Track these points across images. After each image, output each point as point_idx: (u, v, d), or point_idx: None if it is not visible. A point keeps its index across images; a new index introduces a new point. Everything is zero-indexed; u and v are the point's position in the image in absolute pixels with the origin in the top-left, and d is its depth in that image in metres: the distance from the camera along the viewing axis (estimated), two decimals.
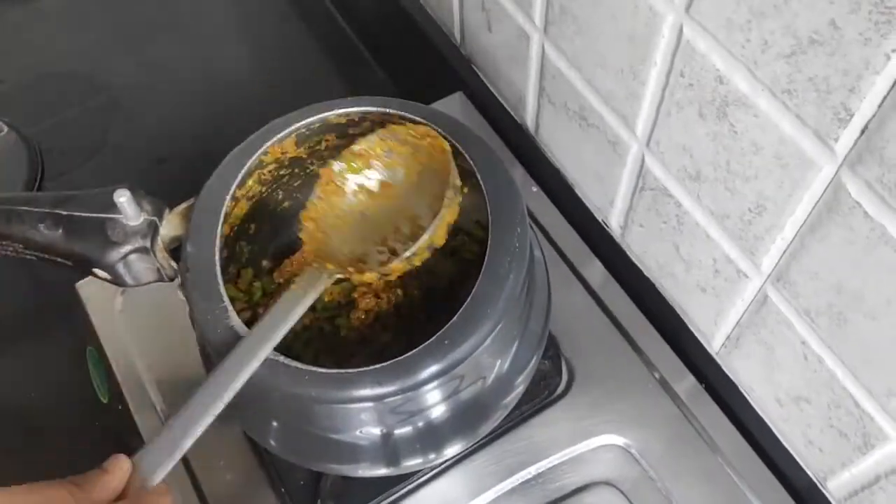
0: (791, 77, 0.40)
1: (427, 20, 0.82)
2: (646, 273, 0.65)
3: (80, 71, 0.88)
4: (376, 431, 0.47)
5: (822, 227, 0.43)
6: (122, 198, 0.47)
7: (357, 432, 0.47)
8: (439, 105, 0.77)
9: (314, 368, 0.43)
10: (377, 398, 0.43)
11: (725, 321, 0.57)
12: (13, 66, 0.89)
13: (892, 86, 0.35)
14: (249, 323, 0.45)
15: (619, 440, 0.60)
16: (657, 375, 0.62)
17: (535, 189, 0.72)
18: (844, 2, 0.35)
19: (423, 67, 0.86)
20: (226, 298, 0.45)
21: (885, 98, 0.36)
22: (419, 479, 0.59)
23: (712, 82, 0.46)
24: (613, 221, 0.66)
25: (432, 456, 0.50)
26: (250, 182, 0.52)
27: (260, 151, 0.50)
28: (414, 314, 0.58)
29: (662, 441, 0.59)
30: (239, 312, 0.45)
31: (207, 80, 0.88)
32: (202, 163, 0.51)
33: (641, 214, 0.61)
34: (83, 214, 0.48)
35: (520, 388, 0.52)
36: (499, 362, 0.49)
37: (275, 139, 0.51)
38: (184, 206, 0.50)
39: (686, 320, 0.62)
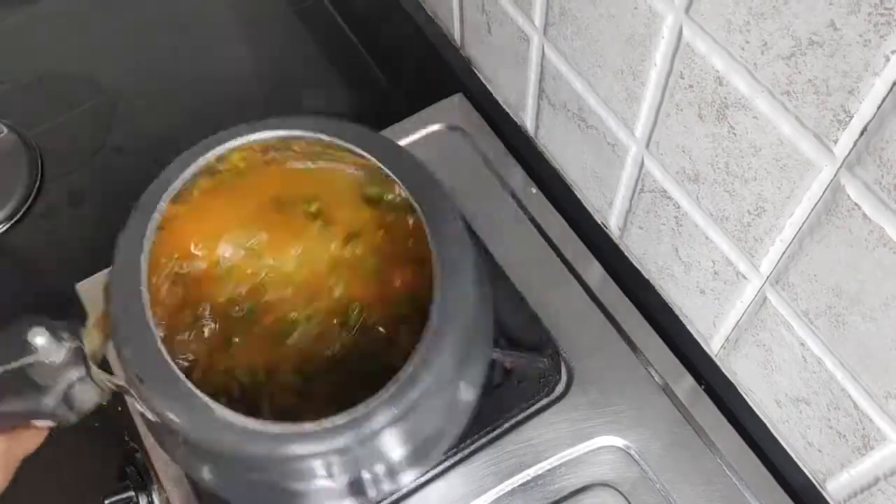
0: (790, 78, 0.40)
1: (427, 21, 0.83)
2: (645, 275, 0.65)
3: (81, 72, 0.88)
4: (328, 484, 0.45)
5: (821, 229, 0.43)
6: (39, 338, 0.42)
7: (309, 484, 0.45)
8: (439, 107, 0.77)
9: (246, 421, 0.40)
10: (321, 454, 0.41)
11: (724, 323, 0.57)
12: (13, 68, 0.89)
13: (892, 87, 0.35)
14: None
15: (618, 441, 0.60)
16: (656, 377, 0.62)
17: (534, 190, 0.72)
18: (844, 3, 0.35)
19: (422, 69, 0.86)
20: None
21: (884, 100, 0.36)
22: (418, 480, 0.59)
23: (712, 84, 0.46)
24: (612, 223, 0.66)
25: (388, 487, 0.49)
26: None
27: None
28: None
29: (661, 442, 0.59)
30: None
31: (208, 81, 0.87)
32: None
33: (640, 216, 0.61)
34: None
35: (471, 400, 0.50)
36: (448, 404, 0.48)
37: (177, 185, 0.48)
38: (95, 316, 0.45)
39: (685, 322, 0.62)
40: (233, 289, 0.55)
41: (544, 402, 0.61)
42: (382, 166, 0.47)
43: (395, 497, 0.58)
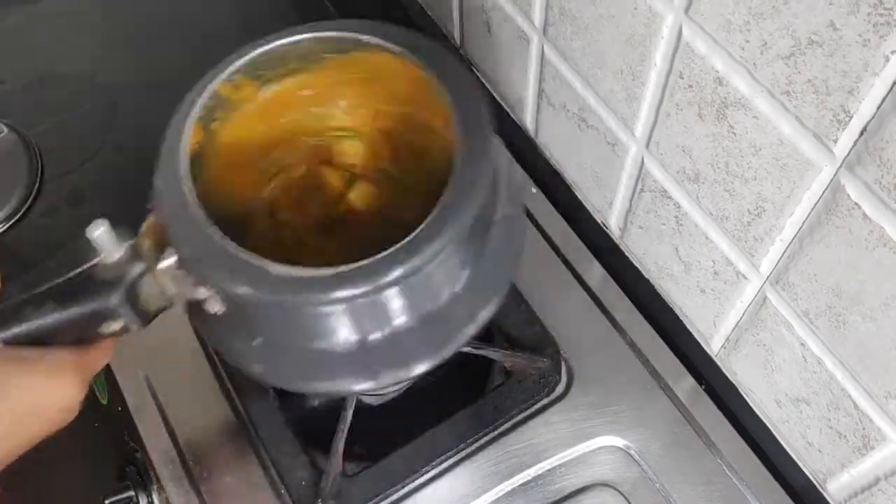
0: (790, 78, 0.40)
1: (427, 22, 0.83)
2: (645, 274, 0.65)
3: (81, 72, 0.88)
4: (351, 338, 0.48)
5: (821, 229, 0.43)
6: (99, 230, 0.44)
7: (338, 339, 0.48)
8: None
9: (296, 271, 0.44)
10: (349, 299, 0.44)
11: (725, 323, 0.57)
12: (13, 68, 0.89)
13: (891, 87, 0.35)
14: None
15: (618, 441, 0.60)
16: (656, 377, 0.62)
17: (534, 190, 0.72)
18: (843, 3, 0.35)
19: None
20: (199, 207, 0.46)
21: (883, 99, 0.36)
22: (419, 480, 0.59)
23: (711, 83, 0.46)
24: (613, 223, 0.66)
25: (402, 372, 0.51)
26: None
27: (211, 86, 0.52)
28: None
29: (662, 442, 0.59)
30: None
31: None
32: None
33: (641, 216, 0.61)
34: (65, 278, 0.45)
35: (478, 324, 0.52)
36: (450, 286, 0.50)
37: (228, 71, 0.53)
38: (147, 223, 0.48)
39: (685, 322, 0.62)
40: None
41: (544, 402, 0.61)
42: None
43: (394, 497, 0.58)
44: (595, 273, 0.67)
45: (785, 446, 0.57)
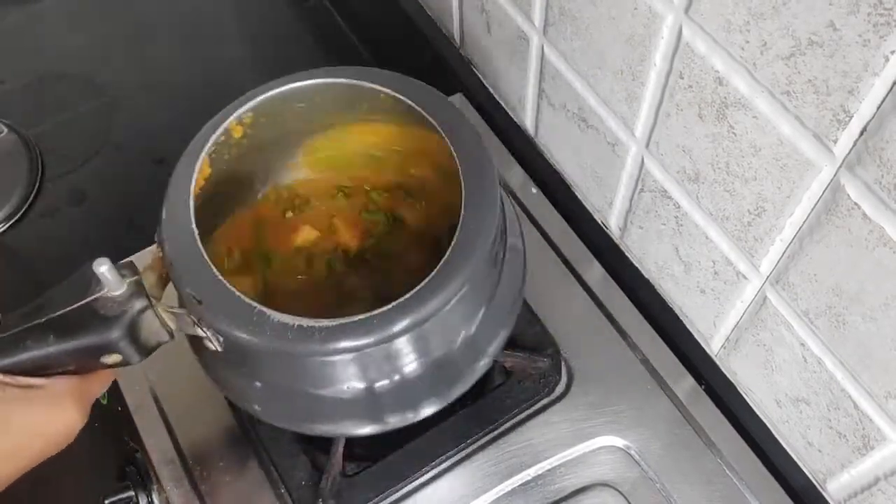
0: (790, 78, 0.40)
1: (427, 22, 0.83)
2: (645, 274, 0.65)
3: (80, 72, 0.88)
4: (357, 386, 0.48)
5: (821, 229, 0.43)
6: (103, 267, 0.44)
7: (343, 387, 0.47)
8: None
9: (297, 320, 0.44)
10: (356, 349, 0.44)
11: (725, 322, 0.57)
12: (13, 67, 0.89)
13: (891, 87, 0.35)
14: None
15: (618, 441, 0.60)
16: (656, 377, 0.62)
17: (534, 190, 0.72)
18: (843, 3, 0.35)
19: (422, 69, 0.85)
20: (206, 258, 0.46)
21: (883, 100, 0.36)
22: (419, 480, 0.59)
23: (711, 84, 0.46)
24: (613, 223, 0.66)
25: (410, 415, 0.51)
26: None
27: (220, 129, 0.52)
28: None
29: (662, 442, 0.59)
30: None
31: (207, 80, 0.88)
32: None
33: (641, 216, 0.61)
34: (66, 310, 0.45)
35: (488, 359, 0.52)
36: (465, 329, 0.49)
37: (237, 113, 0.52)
38: (151, 259, 0.49)
39: (685, 322, 0.62)
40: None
41: (544, 402, 0.61)
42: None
43: (394, 497, 0.58)
44: (595, 273, 0.67)
45: (785, 446, 0.57)
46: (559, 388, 0.62)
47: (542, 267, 0.67)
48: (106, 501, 0.60)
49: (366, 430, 0.51)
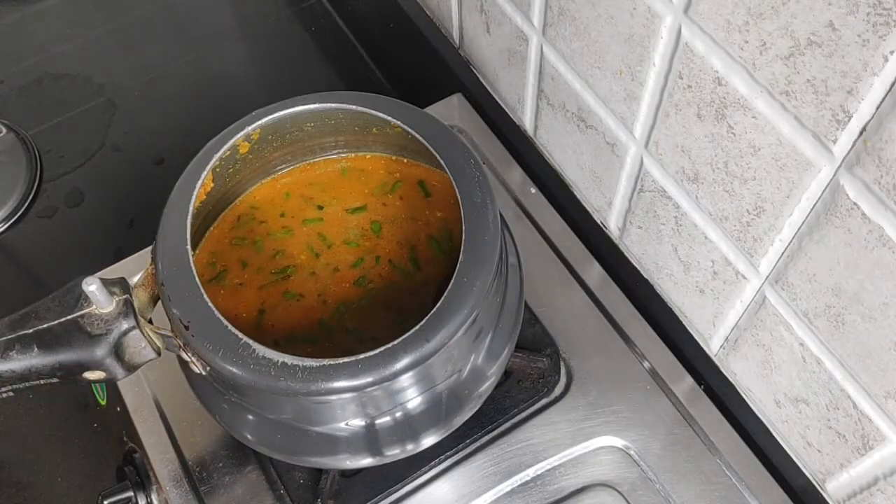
0: (789, 78, 0.40)
1: (426, 22, 0.83)
2: (644, 274, 0.65)
3: (80, 72, 0.88)
4: (354, 422, 0.47)
5: (820, 229, 0.43)
6: (93, 286, 0.44)
7: (342, 424, 0.47)
8: (438, 107, 0.77)
9: (282, 357, 0.43)
10: (354, 389, 0.43)
11: (724, 323, 0.57)
12: (12, 67, 0.89)
13: (890, 87, 0.35)
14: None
15: (617, 441, 0.60)
16: (656, 377, 0.62)
17: (533, 190, 0.72)
18: (843, 3, 0.35)
19: (421, 69, 0.86)
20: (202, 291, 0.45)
21: (883, 100, 0.36)
22: (418, 480, 0.59)
23: (711, 84, 0.46)
24: (612, 223, 0.66)
25: (410, 447, 0.51)
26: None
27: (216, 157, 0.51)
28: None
29: (661, 442, 0.59)
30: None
31: (207, 81, 0.88)
32: None
33: (640, 216, 0.61)
34: (52, 323, 0.45)
35: (492, 379, 0.52)
36: (472, 356, 0.49)
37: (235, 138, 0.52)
38: (141, 275, 0.48)
39: (684, 322, 0.62)
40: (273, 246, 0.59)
41: (544, 402, 0.61)
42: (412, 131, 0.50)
43: (394, 497, 0.58)
44: (594, 273, 0.67)
45: (784, 446, 0.57)
46: (558, 388, 0.62)
47: (542, 267, 0.67)
48: (105, 502, 0.60)
49: (364, 462, 0.50)
